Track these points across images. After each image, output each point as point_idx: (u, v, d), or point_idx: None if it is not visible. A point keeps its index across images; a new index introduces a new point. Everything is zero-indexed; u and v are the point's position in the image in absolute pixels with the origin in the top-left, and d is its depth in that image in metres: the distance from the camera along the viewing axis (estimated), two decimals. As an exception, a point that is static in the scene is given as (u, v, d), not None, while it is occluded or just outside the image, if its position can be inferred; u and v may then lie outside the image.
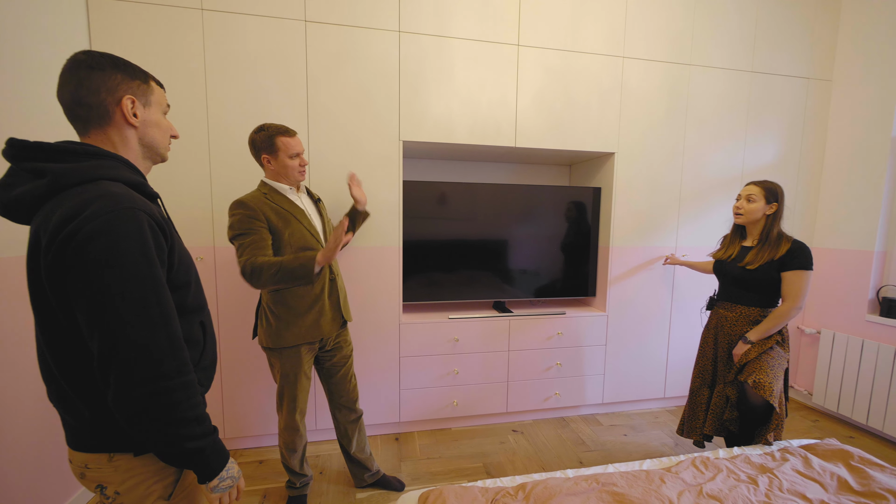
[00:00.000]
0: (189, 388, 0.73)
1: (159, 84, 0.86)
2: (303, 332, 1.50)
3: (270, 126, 1.46)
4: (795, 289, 1.59)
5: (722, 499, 1.21)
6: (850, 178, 2.54)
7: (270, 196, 1.48)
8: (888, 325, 2.33)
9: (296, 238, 1.45)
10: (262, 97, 1.94)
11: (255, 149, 1.48)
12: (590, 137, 2.32)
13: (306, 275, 1.33)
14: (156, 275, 0.70)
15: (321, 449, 2.14)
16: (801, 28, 2.54)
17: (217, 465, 0.77)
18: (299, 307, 1.50)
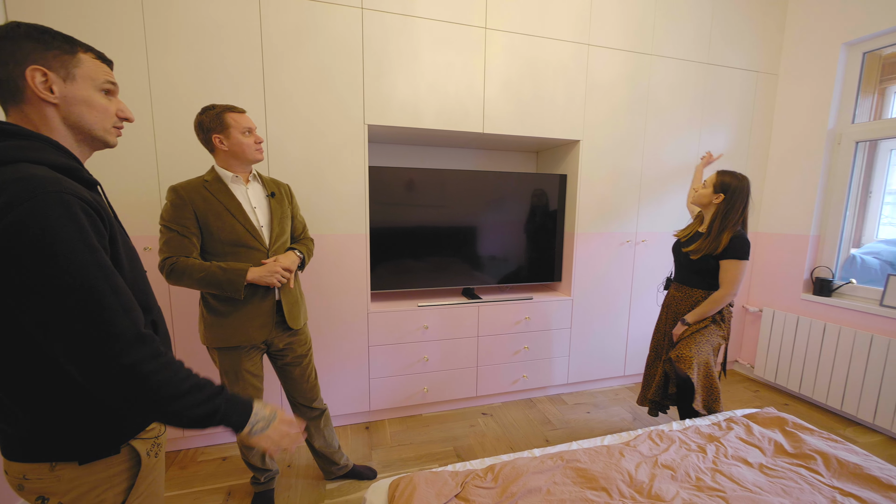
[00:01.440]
0: (171, 365, 0.69)
1: (100, 57, 0.76)
2: (227, 335, 1.41)
3: (217, 105, 1.36)
4: (730, 276, 1.71)
5: (675, 468, 1.29)
6: (791, 168, 2.74)
7: (210, 185, 1.38)
8: (820, 302, 2.56)
9: (226, 233, 1.36)
10: (212, 75, 1.80)
11: (203, 131, 1.37)
12: (556, 125, 2.34)
13: (233, 290, 1.32)
14: (101, 261, 0.63)
15: (289, 442, 2.09)
16: (752, 24, 2.66)
17: (242, 415, 0.77)
18: (222, 310, 1.41)
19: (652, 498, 1.17)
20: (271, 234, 1.48)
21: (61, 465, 0.70)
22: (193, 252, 1.35)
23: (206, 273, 1.31)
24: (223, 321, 1.42)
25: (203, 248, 1.39)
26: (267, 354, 1.59)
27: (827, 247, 2.63)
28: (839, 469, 1.29)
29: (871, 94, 2.49)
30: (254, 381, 1.52)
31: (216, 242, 1.38)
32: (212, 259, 1.38)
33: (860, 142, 2.47)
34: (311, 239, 1.67)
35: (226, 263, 1.35)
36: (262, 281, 1.37)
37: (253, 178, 1.50)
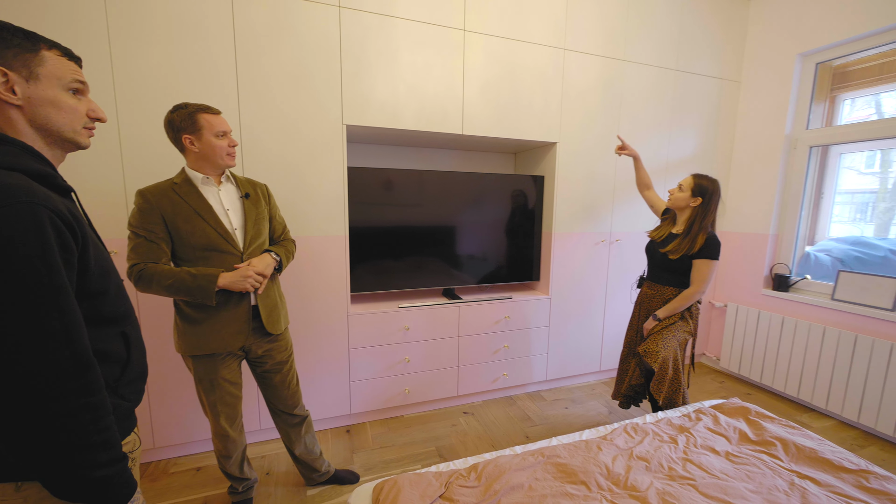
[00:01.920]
0: (96, 410, 0.65)
1: (66, 54, 0.72)
2: (201, 343, 1.36)
3: (190, 104, 1.31)
4: (701, 275, 1.80)
5: (649, 459, 1.35)
6: (753, 170, 2.89)
7: (179, 187, 1.33)
8: (778, 297, 2.72)
9: (196, 237, 1.31)
10: (181, 71, 1.73)
11: (174, 130, 1.32)
12: (534, 127, 2.39)
13: (204, 297, 1.28)
14: (57, 283, 0.60)
15: (266, 449, 2.05)
16: (715, 34, 2.79)
17: (123, 496, 0.69)
18: (195, 317, 1.36)
19: (628, 489, 1.21)
20: (245, 237, 1.44)
21: (27, 486, 0.67)
22: (163, 258, 1.31)
23: (174, 280, 1.26)
24: (197, 328, 1.37)
25: (174, 254, 1.35)
26: (246, 361, 1.55)
27: (784, 245, 2.80)
28: (797, 454, 1.39)
29: (823, 102, 2.67)
30: (231, 388, 1.48)
31: (186, 247, 1.33)
32: (183, 265, 1.34)
33: (814, 146, 2.64)
34: (291, 240, 1.64)
35: (196, 269, 1.30)
36: (235, 286, 1.33)
37: (226, 180, 1.45)
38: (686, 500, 1.16)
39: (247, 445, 1.67)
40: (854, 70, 2.56)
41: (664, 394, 1.85)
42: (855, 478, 1.27)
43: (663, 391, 1.84)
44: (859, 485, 1.24)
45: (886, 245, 2.53)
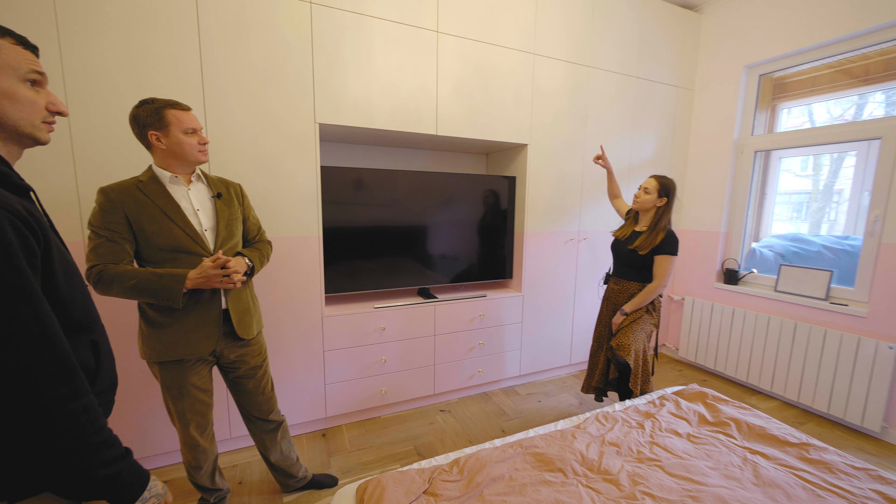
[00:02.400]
0: (90, 412, 0.63)
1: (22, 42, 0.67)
2: (168, 348, 1.30)
3: (157, 99, 1.25)
4: (662, 270, 1.93)
5: (619, 444, 1.43)
6: (705, 172, 3.11)
7: (145, 186, 1.26)
8: (729, 290, 2.94)
9: (163, 238, 1.25)
10: (141, 65, 1.64)
11: (139, 125, 1.25)
12: (506, 129, 2.45)
13: (170, 298, 1.21)
14: (26, 284, 0.57)
15: (238, 458, 1.98)
16: (672, 44, 2.98)
17: (137, 487, 0.69)
18: (161, 321, 1.29)
19: (601, 473, 1.28)
20: (217, 239, 1.38)
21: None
22: (126, 259, 1.24)
23: (138, 280, 1.19)
24: (163, 333, 1.31)
25: (138, 255, 1.28)
26: (217, 366, 1.50)
27: (734, 241, 3.03)
28: (748, 432, 1.52)
29: (765, 110, 2.92)
30: (201, 395, 1.42)
31: (152, 249, 1.27)
32: (148, 267, 1.27)
33: (758, 151, 2.88)
34: (267, 242, 1.59)
35: (161, 269, 1.24)
36: (208, 284, 1.25)
37: (196, 179, 1.40)
38: (654, 480, 1.24)
39: (218, 455, 1.61)
40: (791, 82, 2.82)
41: (639, 384, 1.95)
42: (797, 450, 1.41)
43: (638, 384, 1.95)
44: (801, 456, 1.38)
45: (819, 241, 2.80)
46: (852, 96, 2.60)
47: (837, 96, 2.65)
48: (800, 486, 1.23)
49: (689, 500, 1.17)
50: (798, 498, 1.19)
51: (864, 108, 2.60)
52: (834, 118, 2.74)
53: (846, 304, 2.37)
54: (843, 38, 2.34)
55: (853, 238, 2.66)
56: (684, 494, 1.19)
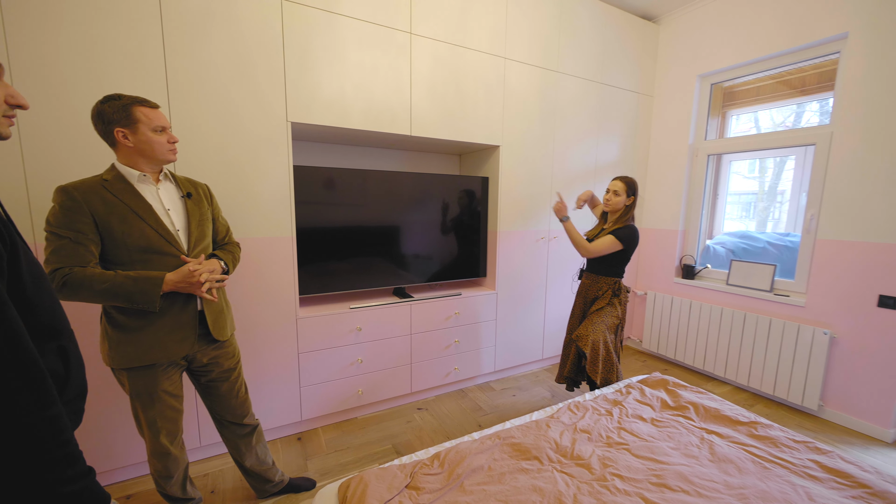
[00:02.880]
0: (56, 423, 0.60)
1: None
2: (140, 353, 1.25)
3: (125, 95, 1.20)
4: (600, 244, 2.08)
5: (590, 431, 1.52)
6: (664, 174, 3.31)
7: (111, 184, 1.21)
8: (687, 284, 3.14)
9: (134, 238, 1.21)
10: (96, 58, 1.55)
11: (104, 122, 1.19)
12: (478, 130, 2.50)
13: (147, 302, 1.17)
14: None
15: (209, 466, 1.92)
16: (633, 52, 3.15)
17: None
18: (131, 325, 1.24)
19: (574, 458, 1.35)
20: (189, 239, 1.35)
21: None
22: (91, 261, 1.18)
23: (110, 284, 1.14)
24: (133, 337, 1.25)
25: (104, 257, 1.22)
26: (187, 371, 1.45)
27: (690, 239, 3.24)
28: (705, 414, 1.64)
29: (717, 117, 3.14)
30: (173, 401, 1.38)
31: (122, 249, 1.22)
32: (116, 269, 1.22)
33: (710, 154, 3.09)
34: (236, 244, 1.55)
35: (135, 272, 1.19)
36: (187, 289, 1.24)
37: (164, 178, 1.35)
38: (622, 462, 1.33)
39: (189, 463, 1.56)
40: (739, 91, 3.05)
41: (600, 374, 2.06)
42: (747, 428, 1.54)
43: (598, 372, 2.06)
44: (750, 433, 1.51)
45: (765, 238, 3.05)
46: (791, 105, 2.86)
47: (779, 105, 2.90)
48: (749, 460, 1.36)
49: (653, 478, 1.26)
50: (748, 471, 1.30)
51: (802, 115, 2.87)
52: (777, 125, 2.99)
53: (788, 294, 2.60)
54: (782, 52, 2.57)
55: (793, 235, 2.92)
56: (649, 473, 1.28)
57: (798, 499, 1.16)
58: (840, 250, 2.32)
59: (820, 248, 2.41)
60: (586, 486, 1.22)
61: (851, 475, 1.25)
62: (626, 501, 1.15)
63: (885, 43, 2.11)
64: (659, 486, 1.22)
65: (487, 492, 1.18)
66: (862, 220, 2.23)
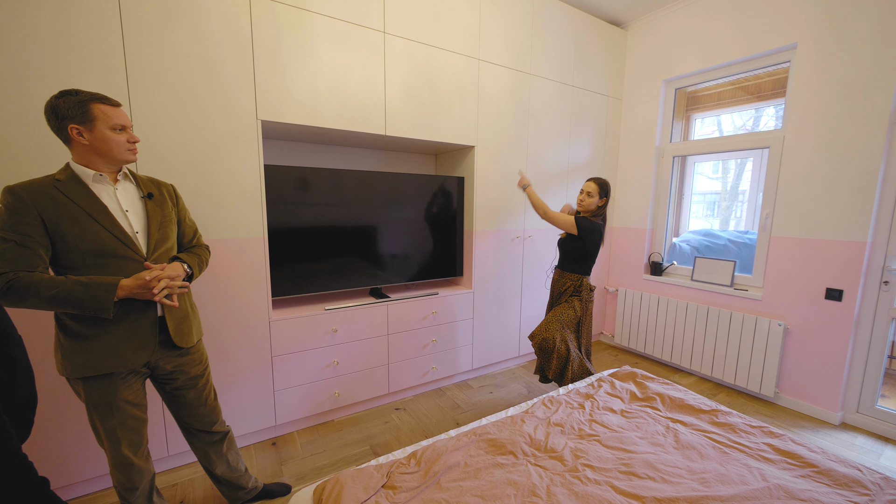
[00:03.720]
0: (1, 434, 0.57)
1: None
2: (95, 362, 1.18)
3: (83, 91, 1.14)
4: (559, 216, 2.18)
5: (563, 424, 1.56)
6: (633, 175, 3.43)
7: (64, 185, 1.15)
8: (655, 281, 3.27)
9: (87, 241, 1.15)
10: (45, 48, 1.47)
11: (57, 118, 1.13)
12: (453, 131, 2.52)
13: (99, 309, 1.11)
14: None
15: (178, 476, 1.85)
16: (603, 56, 3.25)
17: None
18: (85, 333, 1.17)
19: (548, 452, 1.39)
20: (149, 242, 1.29)
21: None
22: (39, 266, 1.11)
23: (59, 290, 1.08)
24: (87, 345, 1.19)
25: (56, 262, 1.16)
26: (151, 379, 1.39)
27: (657, 237, 3.38)
28: (670, 404, 1.72)
29: (682, 120, 3.28)
30: (134, 410, 1.32)
31: (73, 253, 1.15)
32: (68, 273, 1.15)
33: (676, 156, 3.23)
34: (204, 246, 1.50)
35: (87, 277, 1.14)
36: (141, 295, 1.18)
37: (123, 178, 1.29)
38: (593, 453, 1.38)
39: (155, 474, 1.50)
40: (701, 95, 3.20)
41: (552, 370, 2.15)
42: (709, 416, 1.63)
43: (551, 367, 2.14)
44: (712, 421, 1.60)
45: (726, 236, 3.22)
46: (750, 110, 3.02)
47: (738, 109, 3.07)
48: (710, 445, 1.43)
49: (622, 466, 1.31)
50: (709, 456, 1.38)
51: (760, 120, 3.04)
52: (738, 128, 3.16)
53: (746, 289, 2.75)
54: (739, 60, 2.72)
55: (751, 233, 3.09)
56: (618, 463, 1.33)
57: (753, 480, 1.24)
58: (792, 247, 2.48)
59: (774, 244, 2.56)
60: (559, 478, 1.25)
61: (801, 456, 1.35)
62: (597, 490, 1.19)
63: (830, 53, 2.27)
64: (627, 474, 1.28)
65: (463, 487, 1.20)
66: (811, 218, 2.39)
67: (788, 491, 1.18)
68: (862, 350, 2.29)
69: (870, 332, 2.26)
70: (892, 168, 2.14)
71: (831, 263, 2.31)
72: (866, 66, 2.15)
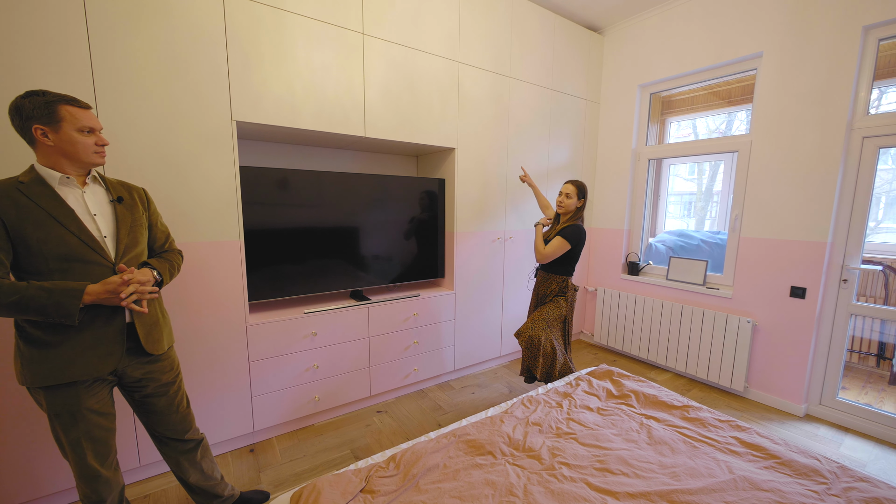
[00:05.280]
0: None
1: None
2: (57, 370, 1.14)
3: (50, 92, 1.11)
4: (552, 247, 2.20)
5: (541, 423, 1.59)
6: (610, 177, 3.51)
7: (27, 187, 1.11)
8: (632, 280, 3.36)
9: (51, 245, 1.11)
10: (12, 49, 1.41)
11: (21, 117, 1.09)
12: (433, 133, 2.53)
13: (64, 315, 1.08)
14: None
15: (150, 487, 1.80)
16: (580, 61, 3.31)
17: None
18: (47, 340, 1.13)
19: (526, 451, 1.41)
20: (118, 246, 1.25)
21: None
22: (0, 272, 1.07)
23: (20, 296, 1.05)
24: (49, 353, 1.15)
25: (18, 267, 1.11)
26: (119, 387, 1.35)
27: (634, 237, 3.47)
28: (645, 400, 1.77)
29: (657, 123, 3.38)
30: (100, 420, 1.27)
31: (37, 258, 1.11)
32: (31, 279, 1.11)
33: (651, 159, 3.32)
34: (177, 251, 1.47)
35: (51, 283, 1.10)
36: (108, 301, 1.15)
37: (92, 181, 1.25)
38: (569, 451, 1.40)
39: (125, 486, 1.45)
40: (676, 100, 3.30)
41: (540, 368, 2.17)
42: (680, 412, 1.68)
43: (539, 366, 2.17)
44: (683, 416, 1.65)
45: (699, 236, 3.33)
46: (723, 114, 3.14)
47: (710, 114, 3.18)
48: (681, 440, 1.48)
49: (597, 463, 1.34)
50: (679, 450, 1.43)
51: (732, 124, 3.16)
52: (711, 132, 3.27)
53: (718, 287, 2.85)
54: (710, 66, 2.81)
55: (723, 233, 3.21)
56: (594, 460, 1.36)
57: (721, 472, 1.29)
58: (759, 246, 2.58)
59: (743, 244, 2.67)
60: (536, 476, 1.27)
61: (764, 448, 1.41)
62: (573, 487, 1.22)
63: (793, 61, 2.38)
64: (602, 470, 1.31)
65: (442, 489, 1.20)
66: (776, 219, 2.49)
67: (753, 482, 1.23)
68: (823, 345, 2.40)
69: (830, 327, 2.38)
70: (849, 172, 2.26)
71: (795, 262, 2.42)
72: (825, 76, 2.26)
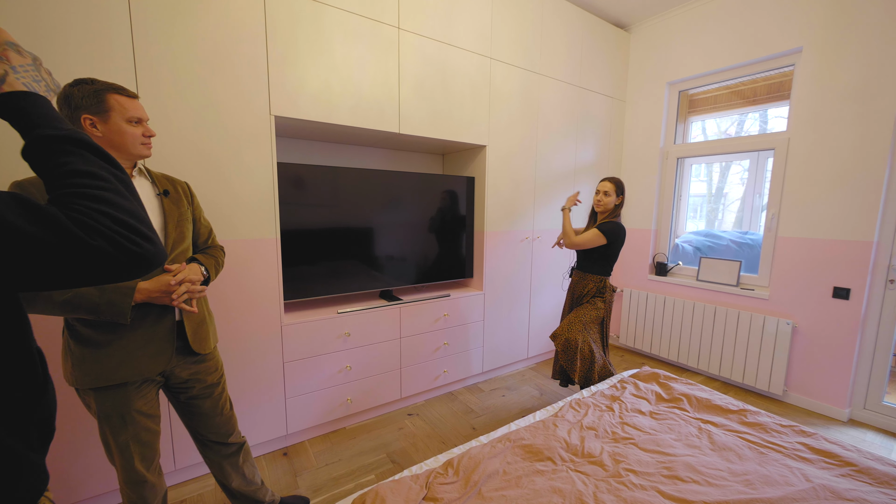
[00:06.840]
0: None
1: None
2: (108, 371, 1.12)
3: (99, 81, 1.07)
4: (586, 237, 2.14)
5: (596, 427, 1.53)
6: (637, 176, 3.45)
7: None
8: (660, 281, 3.29)
9: None
10: (45, 38, 1.37)
11: (70, 107, 1.05)
12: (466, 130, 2.48)
13: (116, 314, 1.05)
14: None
15: (186, 491, 1.75)
16: (607, 58, 3.26)
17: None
18: (98, 340, 1.10)
19: (586, 456, 1.36)
20: (166, 241, 1.22)
21: None
22: None
23: (72, 294, 1.01)
24: (100, 353, 1.11)
25: None
26: (164, 388, 1.30)
27: (662, 238, 3.40)
28: (698, 404, 1.71)
29: (683, 122, 3.32)
30: (148, 422, 1.23)
31: None
32: None
33: (680, 157, 3.27)
34: (220, 247, 1.43)
35: None
36: (159, 300, 1.12)
37: (139, 174, 1.21)
38: (632, 457, 1.34)
39: (167, 490, 1.40)
40: (698, 99, 3.24)
41: (578, 371, 2.11)
42: (738, 416, 1.62)
43: (577, 369, 2.10)
44: (741, 421, 1.59)
45: (727, 236, 3.26)
46: (746, 113, 3.08)
47: (732, 113, 3.12)
48: (746, 446, 1.42)
49: (664, 470, 1.28)
50: (747, 457, 1.36)
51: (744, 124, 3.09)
52: (722, 131, 3.21)
53: (752, 288, 2.78)
54: (743, 63, 2.76)
55: (752, 233, 3.14)
56: (660, 466, 1.30)
57: (797, 480, 1.23)
58: (798, 246, 2.52)
59: (781, 244, 2.60)
60: (603, 484, 1.22)
61: (837, 455, 1.35)
62: (644, 496, 1.16)
63: (835, 56, 2.32)
64: (671, 478, 1.25)
65: (507, 497, 1.15)
66: (816, 218, 2.43)
67: (834, 491, 1.17)
68: (868, 347, 2.33)
69: (876, 329, 2.31)
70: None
71: (838, 262, 2.36)
72: (871, 70, 2.20)
